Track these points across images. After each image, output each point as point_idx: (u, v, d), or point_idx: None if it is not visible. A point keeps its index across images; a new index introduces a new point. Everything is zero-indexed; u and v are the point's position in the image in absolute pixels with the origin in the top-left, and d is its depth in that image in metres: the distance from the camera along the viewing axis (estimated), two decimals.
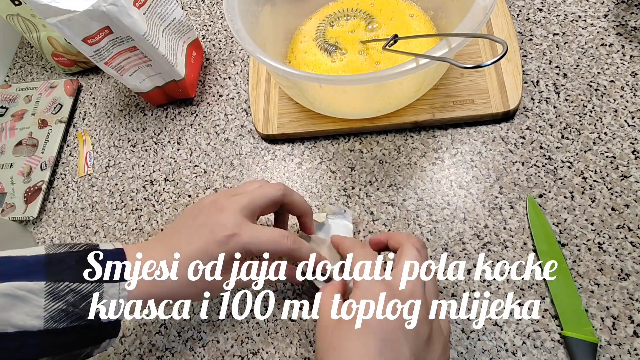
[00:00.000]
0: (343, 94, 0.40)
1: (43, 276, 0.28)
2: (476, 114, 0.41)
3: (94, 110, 0.56)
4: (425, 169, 0.42)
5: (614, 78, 0.41)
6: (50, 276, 0.28)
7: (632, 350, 0.32)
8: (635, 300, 0.33)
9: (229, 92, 0.52)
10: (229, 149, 0.48)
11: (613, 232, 0.35)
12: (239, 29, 0.38)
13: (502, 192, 0.39)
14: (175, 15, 0.47)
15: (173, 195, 0.47)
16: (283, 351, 0.37)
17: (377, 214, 0.41)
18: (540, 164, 0.39)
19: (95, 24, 0.40)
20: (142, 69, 0.47)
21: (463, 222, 0.39)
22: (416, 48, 0.44)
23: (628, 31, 0.43)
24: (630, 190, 0.37)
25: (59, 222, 0.49)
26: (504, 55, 0.26)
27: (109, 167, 0.51)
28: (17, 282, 0.27)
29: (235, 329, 0.39)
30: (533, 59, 0.44)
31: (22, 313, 0.27)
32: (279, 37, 0.49)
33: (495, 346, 0.34)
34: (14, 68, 0.63)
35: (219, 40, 0.56)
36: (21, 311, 0.27)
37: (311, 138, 0.46)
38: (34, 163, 0.52)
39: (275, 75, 0.41)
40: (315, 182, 0.44)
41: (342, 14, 0.49)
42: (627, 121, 0.39)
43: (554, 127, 0.41)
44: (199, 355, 0.38)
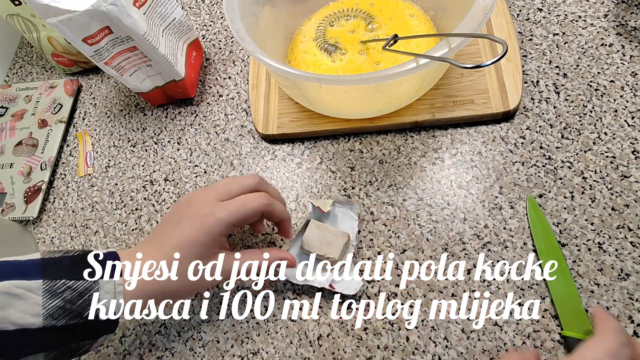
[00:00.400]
0: (343, 94, 0.40)
1: (40, 275, 0.29)
2: (476, 114, 0.41)
3: (94, 110, 0.56)
4: (425, 169, 0.42)
5: (614, 78, 0.41)
6: (47, 275, 0.29)
7: None
8: (635, 300, 0.33)
9: (229, 92, 0.52)
10: (229, 149, 0.48)
11: (613, 232, 0.35)
12: (239, 29, 0.38)
13: (502, 192, 0.39)
14: (175, 15, 0.47)
15: (173, 195, 0.47)
16: (283, 351, 0.37)
17: (377, 214, 0.41)
18: (540, 164, 0.39)
19: (95, 24, 0.40)
20: (142, 69, 0.47)
21: (463, 222, 0.39)
22: (416, 48, 0.44)
23: (628, 31, 0.43)
24: (630, 190, 0.37)
25: (59, 222, 0.49)
26: (504, 55, 0.26)
27: (109, 167, 0.51)
28: (15, 281, 0.27)
29: (235, 329, 0.39)
30: (533, 59, 0.44)
31: (21, 311, 0.27)
32: (279, 37, 0.49)
33: (495, 346, 0.34)
34: (14, 68, 0.63)
35: (219, 40, 0.56)
36: (20, 309, 0.27)
37: (311, 138, 0.46)
38: (34, 163, 0.52)
39: (275, 75, 0.41)
40: (315, 182, 0.44)
41: (342, 14, 0.49)
42: (627, 121, 0.39)
43: (554, 127, 0.41)
44: (199, 355, 0.38)
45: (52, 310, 0.28)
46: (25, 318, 0.27)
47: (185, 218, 0.33)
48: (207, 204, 0.33)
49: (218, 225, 0.32)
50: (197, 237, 0.32)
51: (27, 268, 0.29)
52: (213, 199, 0.34)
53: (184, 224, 0.33)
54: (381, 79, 0.32)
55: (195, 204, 0.34)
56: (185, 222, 0.33)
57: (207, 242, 0.32)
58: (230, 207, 0.33)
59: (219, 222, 0.32)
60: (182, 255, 0.32)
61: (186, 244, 0.32)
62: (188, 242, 0.32)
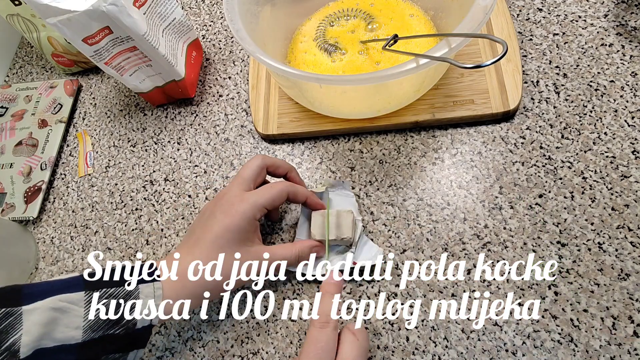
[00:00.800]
0: (343, 94, 0.40)
1: (82, 287, 0.29)
2: (476, 114, 0.41)
3: (94, 110, 0.56)
4: (425, 169, 0.42)
5: (614, 78, 0.41)
6: (89, 286, 0.29)
7: (632, 350, 0.32)
8: (635, 300, 0.33)
9: (229, 92, 0.52)
10: (229, 149, 0.48)
11: (613, 232, 0.35)
12: (239, 29, 0.38)
13: (502, 192, 0.39)
14: (175, 15, 0.47)
15: (173, 195, 0.47)
16: (283, 351, 0.37)
17: (377, 214, 0.41)
18: (540, 164, 0.39)
19: (95, 24, 0.40)
20: (142, 69, 0.47)
21: (463, 222, 0.39)
22: (416, 48, 0.44)
23: (628, 31, 0.43)
24: (630, 190, 0.37)
25: (59, 222, 0.49)
26: (504, 55, 0.26)
27: (109, 167, 0.51)
28: (60, 295, 0.28)
29: (235, 329, 0.39)
30: (533, 59, 0.44)
31: (63, 325, 0.28)
32: (279, 37, 0.49)
33: (495, 346, 0.34)
34: (14, 68, 0.63)
35: (219, 40, 0.56)
36: (62, 323, 0.28)
37: (311, 138, 0.46)
38: (34, 163, 0.52)
39: (275, 75, 0.41)
40: (315, 182, 0.44)
41: (342, 14, 0.49)
42: (627, 121, 0.39)
43: (554, 127, 0.41)
44: (199, 355, 0.38)
45: (92, 322, 0.28)
46: (66, 332, 0.28)
47: (216, 211, 0.34)
48: (235, 195, 0.35)
49: (252, 208, 0.34)
50: (234, 222, 0.33)
51: (70, 282, 0.29)
52: (238, 191, 0.35)
53: (218, 215, 0.34)
54: (381, 79, 0.32)
55: (222, 200, 0.35)
56: (218, 213, 0.34)
57: (244, 226, 0.33)
58: (259, 192, 0.35)
59: (252, 205, 0.34)
60: (221, 243, 0.33)
61: (224, 231, 0.33)
62: (226, 229, 0.33)
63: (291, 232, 0.42)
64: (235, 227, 0.33)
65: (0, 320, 0.26)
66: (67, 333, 0.28)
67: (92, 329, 0.28)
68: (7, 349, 0.26)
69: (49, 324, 0.27)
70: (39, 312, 0.27)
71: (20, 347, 0.26)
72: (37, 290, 0.28)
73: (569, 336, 0.33)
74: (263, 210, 0.35)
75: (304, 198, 0.38)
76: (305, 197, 0.38)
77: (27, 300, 0.27)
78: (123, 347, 0.30)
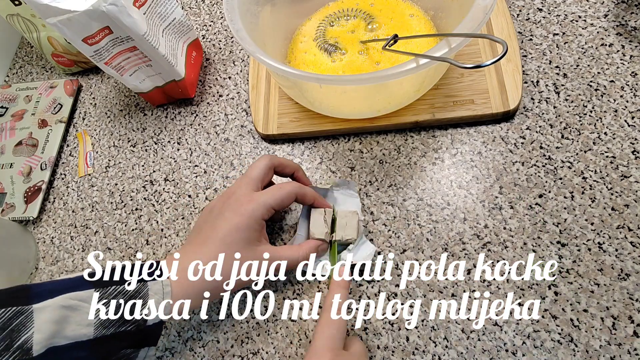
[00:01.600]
0: (343, 94, 0.40)
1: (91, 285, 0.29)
2: (476, 114, 0.41)
3: (94, 110, 0.56)
4: (425, 169, 0.42)
5: (614, 78, 0.41)
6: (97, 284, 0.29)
7: (632, 350, 0.32)
8: (635, 300, 0.33)
9: (229, 92, 0.52)
10: (229, 149, 0.48)
11: (613, 232, 0.35)
12: (239, 29, 0.38)
13: (502, 192, 0.39)
14: (175, 15, 0.47)
15: (173, 195, 0.47)
16: (283, 351, 0.37)
17: (377, 214, 0.41)
18: (540, 164, 0.39)
19: (95, 24, 0.40)
20: (142, 69, 0.47)
21: (463, 222, 0.39)
22: (416, 48, 0.44)
23: (628, 31, 0.43)
24: (630, 190, 0.37)
25: (59, 222, 0.49)
26: (504, 55, 0.26)
27: (109, 167, 0.51)
28: (70, 293, 0.28)
29: (235, 329, 0.39)
30: (533, 59, 0.44)
31: (74, 323, 0.28)
32: (279, 37, 0.49)
33: (495, 346, 0.34)
34: (14, 68, 0.63)
35: (219, 40, 0.56)
36: (73, 321, 0.28)
37: (311, 138, 0.46)
38: (34, 163, 0.52)
39: (275, 75, 0.41)
40: (315, 183, 0.44)
41: (342, 14, 0.49)
42: (627, 121, 0.39)
43: (554, 127, 0.41)
44: (199, 355, 0.38)
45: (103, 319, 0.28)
46: (77, 330, 0.28)
47: (225, 210, 0.34)
48: (243, 195, 0.35)
49: (260, 207, 0.34)
50: (242, 221, 0.33)
51: (76, 282, 0.29)
52: (247, 190, 0.35)
53: (226, 214, 0.34)
54: (381, 79, 0.32)
55: (230, 199, 0.35)
56: (227, 212, 0.34)
57: (253, 226, 0.33)
58: (268, 192, 0.35)
59: (261, 205, 0.34)
60: (229, 242, 0.33)
61: (233, 230, 0.33)
62: (235, 228, 0.33)
63: (291, 232, 0.42)
64: (244, 226, 0.33)
65: (12, 319, 0.26)
66: (78, 330, 0.28)
67: (104, 325, 0.28)
68: (19, 347, 0.26)
69: (60, 321, 0.27)
70: (50, 310, 0.27)
71: (32, 345, 0.26)
72: (46, 289, 0.28)
73: (569, 336, 0.33)
74: (271, 210, 0.34)
75: (312, 200, 0.38)
76: (313, 199, 0.38)
77: (36, 299, 0.27)
78: (135, 343, 0.30)
